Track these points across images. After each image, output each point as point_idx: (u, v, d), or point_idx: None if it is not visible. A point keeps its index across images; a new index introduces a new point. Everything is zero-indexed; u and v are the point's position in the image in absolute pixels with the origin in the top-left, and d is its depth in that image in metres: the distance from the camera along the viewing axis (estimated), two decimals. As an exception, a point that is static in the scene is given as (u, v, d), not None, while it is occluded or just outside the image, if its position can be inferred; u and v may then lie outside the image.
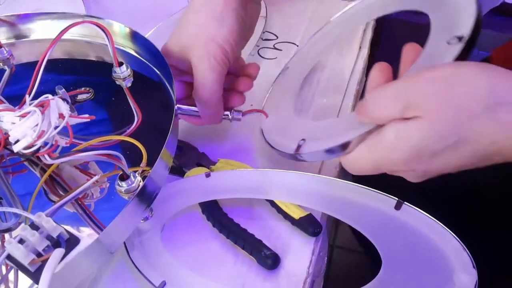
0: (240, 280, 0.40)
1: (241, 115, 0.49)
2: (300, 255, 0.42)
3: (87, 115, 0.46)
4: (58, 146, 0.41)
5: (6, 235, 0.38)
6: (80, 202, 0.42)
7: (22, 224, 0.34)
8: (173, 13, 0.68)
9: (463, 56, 0.34)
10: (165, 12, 0.69)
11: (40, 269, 0.33)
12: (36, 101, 0.40)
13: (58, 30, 0.47)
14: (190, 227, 0.45)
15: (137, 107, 0.48)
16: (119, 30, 0.51)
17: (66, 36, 0.52)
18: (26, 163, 0.45)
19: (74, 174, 0.45)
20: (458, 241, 0.37)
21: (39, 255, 0.33)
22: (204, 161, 0.49)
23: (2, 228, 0.38)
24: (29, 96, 0.42)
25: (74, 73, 0.55)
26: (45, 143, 0.39)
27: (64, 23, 0.53)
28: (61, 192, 0.43)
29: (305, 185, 0.43)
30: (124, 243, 0.41)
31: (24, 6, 0.77)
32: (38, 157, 0.44)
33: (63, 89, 0.45)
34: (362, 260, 0.46)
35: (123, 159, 0.39)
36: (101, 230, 0.40)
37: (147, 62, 0.52)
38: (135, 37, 0.51)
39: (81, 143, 0.42)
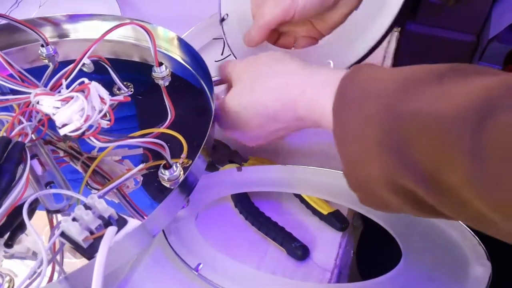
0: (271, 268, 0.43)
1: None
2: (328, 248, 0.44)
3: (122, 97, 0.48)
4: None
5: (59, 216, 0.41)
6: (121, 191, 0.45)
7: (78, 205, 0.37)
8: (204, 19, 0.71)
9: None
10: (197, 16, 0.72)
11: (92, 246, 0.36)
12: (74, 85, 0.42)
13: (104, 31, 0.50)
14: (223, 219, 0.48)
15: (171, 105, 0.51)
16: (163, 33, 0.55)
17: (113, 37, 0.55)
18: (67, 158, 0.48)
19: (114, 166, 0.48)
20: (473, 235, 0.40)
21: (91, 233, 0.36)
22: (236, 158, 0.52)
23: (53, 209, 0.41)
24: (66, 80, 0.45)
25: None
26: (89, 126, 0.41)
27: (111, 25, 0.56)
28: (99, 181, 0.46)
29: (331, 181, 0.46)
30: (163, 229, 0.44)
31: (61, 8, 0.81)
32: (79, 152, 0.48)
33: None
34: (383, 251, 0.48)
35: (167, 149, 0.41)
36: (140, 215, 0.43)
37: (186, 65, 0.55)
38: (178, 42, 0.55)
39: (116, 139, 0.45)
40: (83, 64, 0.48)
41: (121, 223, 0.37)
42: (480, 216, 0.27)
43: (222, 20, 0.57)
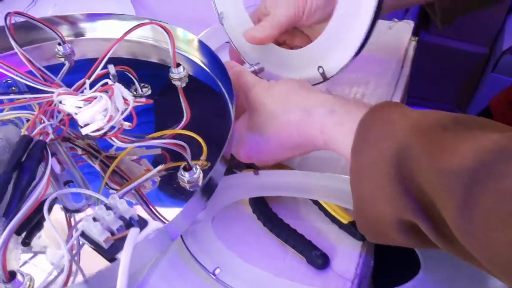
0: (289, 275, 0.42)
1: (260, 66, 0.54)
2: (348, 257, 0.43)
3: (144, 99, 0.49)
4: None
5: (79, 215, 0.40)
6: (139, 191, 0.45)
7: (100, 205, 0.36)
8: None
9: None
10: (211, 18, 0.72)
11: (113, 247, 0.35)
12: (98, 86, 0.42)
13: (122, 30, 0.50)
14: (241, 224, 0.47)
15: (187, 106, 0.51)
16: (182, 35, 0.55)
17: (131, 37, 0.55)
18: (85, 156, 0.47)
19: (132, 166, 0.47)
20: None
21: (112, 233, 0.35)
22: (254, 164, 0.51)
23: (72, 208, 0.40)
24: (89, 80, 0.45)
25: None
26: (111, 127, 0.41)
27: (128, 24, 0.56)
28: (117, 181, 0.46)
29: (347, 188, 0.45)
30: (180, 232, 0.44)
31: (76, 6, 0.81)
32: (97, 150, 0.47)
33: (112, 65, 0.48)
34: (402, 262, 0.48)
35: (188, 150, 0.41)
36: (158, 217, 0.42)
37: (204, 67, 0.55)
38: (198, 44, 0.55)
39: (138, 139, 0.44)
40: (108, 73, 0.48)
41: (141, 225, 0.37)
42: (468, 254, 0.31)
43: (221, 19, 0.59)
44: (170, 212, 0.41)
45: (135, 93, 0.52)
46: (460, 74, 1.20)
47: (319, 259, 0.42)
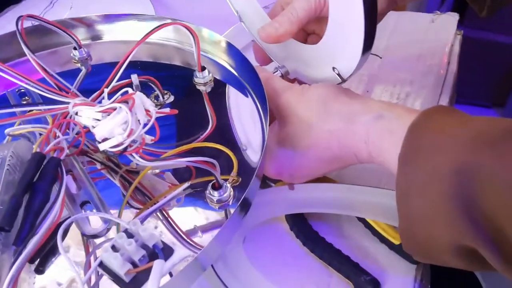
0: (335, 304, 0.37)
1: (286, 69, 0.49)
2: (400, 283, 0.38)
3: (168, 109, 0.44)
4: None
5: (96, 241, 0.36)
6: (164, 212, 0.40)
7: (120, 232, 0.32)
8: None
9: None
10: (234, 17, 0.67)
11: (135, 280, 0.31)
12: (117, 95, 0.37)
13: (142, 32, 0.46)
14: (276, 243, 0.42)
15: (213, 113, 0.47)
16: (208, 36, 0.50)
17: (152, 38, 0.50)
18: (104, 171, 0.43)
19: (155, 182, 0.43)
20: None
21: (134, 264, 0.31)
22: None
23: (89, 234, 0.36)
24: (107, 89, 0.41)
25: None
26: (132, 142, 0.36)
27: (148, 25, 0.52)
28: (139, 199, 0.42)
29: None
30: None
31: (93, 8, 0.78)
32: (117, 165, 0.43)
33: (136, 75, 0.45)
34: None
35: (218, 167, 0.36)
36: (184, 241, 0.38)
37: (233, 71, 0.50)
38: (226, 46, 0.50)
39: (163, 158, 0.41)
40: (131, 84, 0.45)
41: (166, 253, 0.32)
42: None
43: (240, 17, 0.54)
44: (196, 234, 0.37)
45: (155, 101, 0.48)
46: (496, 69, 1.13)
47: (369, 285, 0.37)
